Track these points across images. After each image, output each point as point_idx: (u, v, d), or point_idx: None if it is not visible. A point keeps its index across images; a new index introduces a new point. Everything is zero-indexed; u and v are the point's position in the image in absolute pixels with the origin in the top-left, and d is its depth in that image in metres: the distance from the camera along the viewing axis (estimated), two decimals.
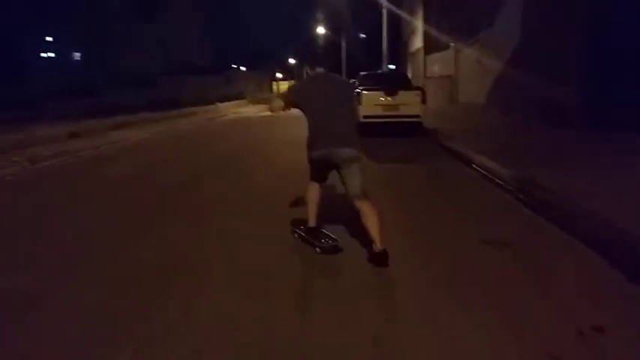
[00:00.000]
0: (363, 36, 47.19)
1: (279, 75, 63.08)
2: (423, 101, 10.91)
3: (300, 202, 4.31)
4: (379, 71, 20.54)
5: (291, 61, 62.72)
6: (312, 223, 3.81)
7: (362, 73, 13.43)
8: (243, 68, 62.86)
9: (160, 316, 2.69)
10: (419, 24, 27.24)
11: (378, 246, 3.32)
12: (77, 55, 58.61)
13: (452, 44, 20.29)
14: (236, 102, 34.37)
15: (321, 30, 47.07)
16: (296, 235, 3.99)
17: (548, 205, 4.47)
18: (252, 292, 2.99)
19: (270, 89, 59.29)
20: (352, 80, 16.87)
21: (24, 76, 47.27)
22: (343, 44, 42.53)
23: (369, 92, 10.99)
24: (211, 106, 28.05)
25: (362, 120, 11.00)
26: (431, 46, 25.15)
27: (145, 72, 47.18)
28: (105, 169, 8.50)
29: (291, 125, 17.59)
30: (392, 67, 27.16)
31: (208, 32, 62.34)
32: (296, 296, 2.96)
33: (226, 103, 31.32)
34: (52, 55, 57.70)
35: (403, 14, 29.26)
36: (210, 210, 5.18)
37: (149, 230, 4.48)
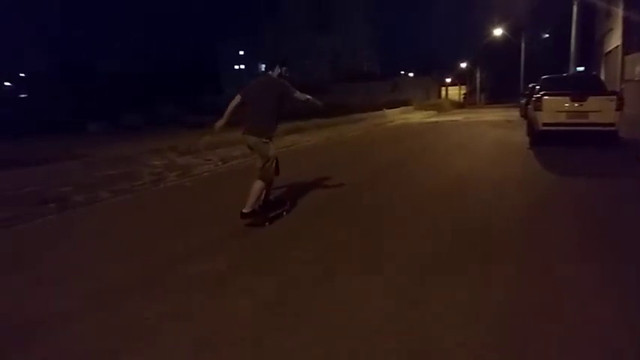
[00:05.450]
0: (546, 36, 42.99)
1: (447, 80, 61.31)
2: (619, 108, 9.34)
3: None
4: (565, 74, 18.43)
5: (463, 65, 60.25)
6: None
7: (544, 76, 12.11)
8: (410, 74, 62.70)
9: None
10: (618, 18, 23.74)
11: (245, 208, 4.66)
12: (262, 67, 65.79)
13: None
14: (403, 108, 34.44)
15: (498, 32, 44.23)
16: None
17: None
18: None
19: (439, 95, 58.04)
20: (531, 84, 15.48)
21: (219, 86, 54.74)
22: (522, 46, 39.40)
23: (552, 97, 9.86)
24: (378, 112, 28.59)
25: (542, 128, 9.98)
26: (632, 44, 21.79)
27: (318, 80, 50.38)
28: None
29: (458, 132, 16.91)
30: (581, 69, 24.03)
31: (378, 40, 63.85)
32: None
33: (394, 109, 31.56)
34: (242, 67, 65.79)
35: (600, 2, 25.66)
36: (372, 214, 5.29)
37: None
